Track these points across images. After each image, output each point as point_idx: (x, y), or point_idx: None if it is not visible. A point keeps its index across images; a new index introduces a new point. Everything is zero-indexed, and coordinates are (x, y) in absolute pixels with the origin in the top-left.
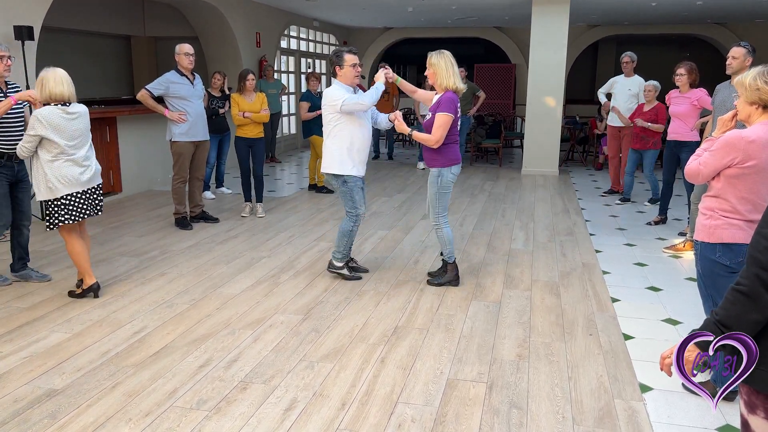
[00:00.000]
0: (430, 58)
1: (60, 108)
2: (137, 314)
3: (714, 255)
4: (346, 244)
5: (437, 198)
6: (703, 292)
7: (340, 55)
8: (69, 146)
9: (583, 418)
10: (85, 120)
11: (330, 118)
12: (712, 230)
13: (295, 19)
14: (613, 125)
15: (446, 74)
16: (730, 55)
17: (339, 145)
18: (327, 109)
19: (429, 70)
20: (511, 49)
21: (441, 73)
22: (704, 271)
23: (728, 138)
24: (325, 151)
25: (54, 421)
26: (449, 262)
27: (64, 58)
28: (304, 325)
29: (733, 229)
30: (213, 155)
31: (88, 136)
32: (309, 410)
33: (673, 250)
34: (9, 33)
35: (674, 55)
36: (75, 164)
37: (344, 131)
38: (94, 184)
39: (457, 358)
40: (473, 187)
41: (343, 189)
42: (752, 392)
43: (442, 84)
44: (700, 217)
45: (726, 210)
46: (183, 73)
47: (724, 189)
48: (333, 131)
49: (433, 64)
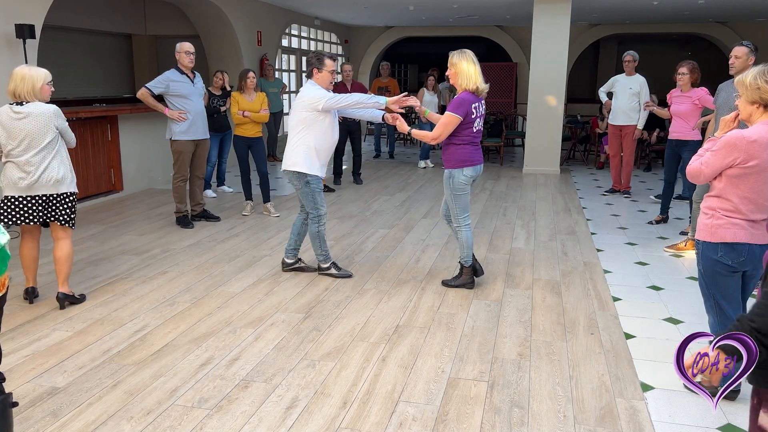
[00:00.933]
0: (451, 58)
1: (10, 106)
2: (138, 313)
3: (716, 254)
4: (321, 245)
5: (453, 200)
6: (705, 292)
7: (321, 59)
8: (12, 147)
9: (585, 417)
10: (35, 122)
11: (303, 117)
12: (714, 230)
13: (296, 17)
14: (614, 124)
15: (467, 74)
16: (733, 55)
17: (307, 144)
18: (303, 107)
19: (450, 69)
20: (513, 47)
21: (462, 74)
22: (706, 271)
23: (730, 138)
24: (291, 149)
25: (56, 419)
26: (465, 266)
27: (65, 57)
28: (305, 323)
29: (735, 229)
30: (214, 154)
31: (39, 141)
32: (310, 409)
33: (674, 250)
34: (10, 31)
35: (675, 54)
36: (17, 167)
37: (315, 131)
38: (41, 193)
39: (459, 356)
40: (474, 186)
41: (306, 190)
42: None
43: (462, 84)
44: (701, 216)
45: (728, 210)
46: (183, 71)
47: (726, 189)
48: (304, 130)
49: (454, 63)
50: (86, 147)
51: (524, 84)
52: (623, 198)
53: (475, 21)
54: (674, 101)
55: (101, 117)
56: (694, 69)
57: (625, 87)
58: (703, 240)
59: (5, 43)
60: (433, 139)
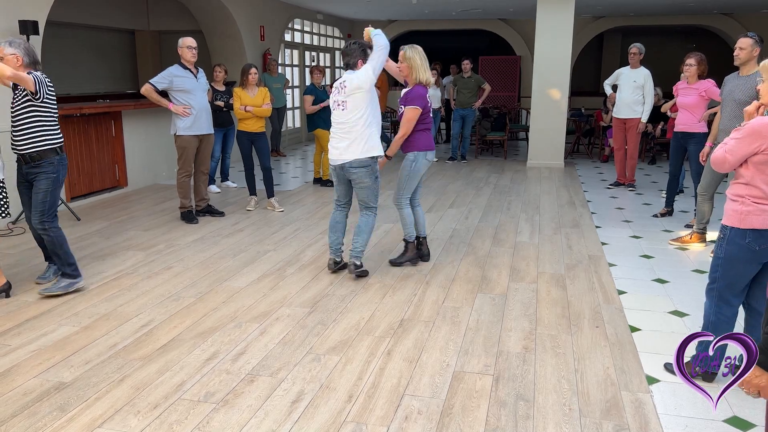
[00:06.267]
0: (404, 53)
1: None
2: (144, 308)
3: (744, 240)
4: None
5: (406, 181)
6: (713, 275)
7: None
8: None
9: (590, 410)
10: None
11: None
12: (743, 216)
13: (299, 12)
14: (618, 117)
15: (420, 68)
16: (738, 46)
17: (376, 127)
18: (364, 87)
19: (403, 63)
20: (516, 41)
21: (416, 67)
22: (728, 255)
23: (754, 125)
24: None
25: (63, 414)
26: (409, 241)
27: (68, 53)
28: (311, 318)
29: (765, 216)
30: (217, 149)
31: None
32: (316, 402)
33: (679, 242)
34: (14, 27)
35: (680, 47)
36: None
37: (377, 110)
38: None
39: (464, 350)
40: (478, 180)
41: (376, 180)
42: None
43: (417, 78)
44: (729, 203)
45: (757, 197)
46: (186, 66)
47: (753, 176)
48: (369, 111)
49: (408, 57)
50: (90, 143)
51: (528, 77)
52: (628, 191)
53: (478, 14)
54: (681, 93)
55: (105, 113)
56: (701, 61)
57: (629, 80)
58: (732, 226)
59: None
60: (402, 136)
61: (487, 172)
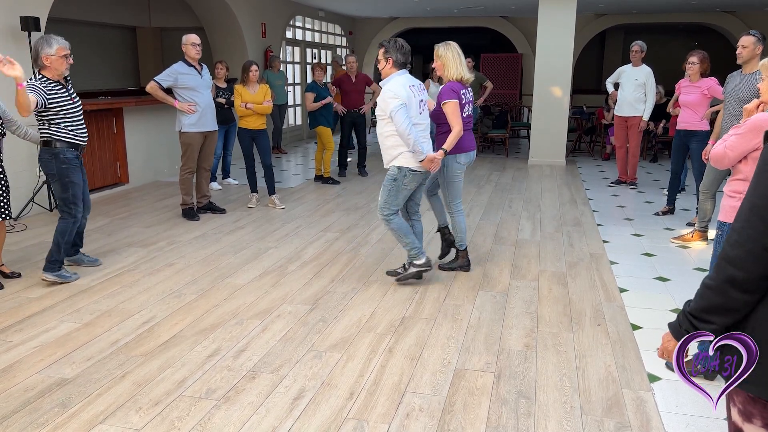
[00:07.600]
0: (437, 50)
1: None
2: (146, 304)
3: None
4: None
5: (446, 187)
6: None
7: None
8: None
9: (591, 407)
10: None
11: None
12: None
13: (300, 9)
14: (620, 115)
15: (453, 65)
16: (740, 44)
17: None
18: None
19: (437, 61)
20: (518, 38)
21: (448, 64)
22: None
23: (755, 121)
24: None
25: (65, 410)
26: (461, 249)
27: (70, 49)
28: (312, 315)
29: None
30: (219, 146)
31: None
32: (317, 400)
33: (681, 240)
34: (15, 24)
35: (682, 45)
36: None
37: None
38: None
39: (465, 348)
40: (480, 178)
41: None
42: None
43: (450, 75)
44: (727, 200)
45: None
46: (190, 63)
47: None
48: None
49: (440, 55)
50: (92, 139)
51: (529, 75)
52: (629, 189)
53: (480, 11)
54: (683, 91)
55: (106, 110)
56: (704, 59)
57: (631, 78)
58: (729, 222)
59: (10, 35)
60: (459, 132)
61: (489, 170)
